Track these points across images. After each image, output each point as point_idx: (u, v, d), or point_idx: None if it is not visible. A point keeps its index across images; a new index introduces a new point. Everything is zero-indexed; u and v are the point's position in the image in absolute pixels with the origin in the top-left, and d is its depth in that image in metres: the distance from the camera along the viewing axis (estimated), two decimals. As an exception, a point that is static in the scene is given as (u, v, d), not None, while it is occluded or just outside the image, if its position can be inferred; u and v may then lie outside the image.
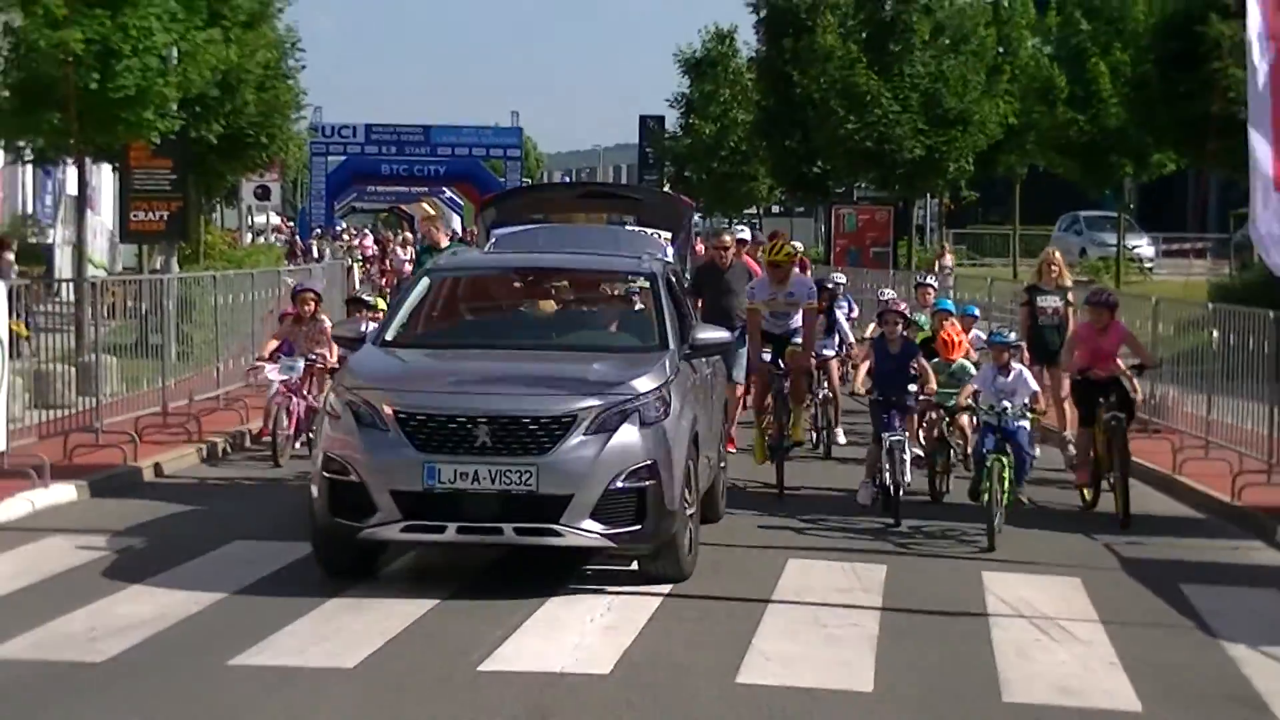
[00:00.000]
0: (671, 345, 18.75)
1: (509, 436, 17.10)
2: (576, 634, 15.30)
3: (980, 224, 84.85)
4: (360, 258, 76.01)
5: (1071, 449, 26.12)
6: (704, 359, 20.43)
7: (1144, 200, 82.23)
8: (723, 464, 22.13)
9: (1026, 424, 20.96)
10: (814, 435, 28.47)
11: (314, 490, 17.85)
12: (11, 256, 49.08)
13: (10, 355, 23.18)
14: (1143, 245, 77.73)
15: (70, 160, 45.01)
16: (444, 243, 33.84)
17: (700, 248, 34.60)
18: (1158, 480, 26.10)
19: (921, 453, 25.63)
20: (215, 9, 44.95)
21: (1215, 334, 28.21)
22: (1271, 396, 24.59)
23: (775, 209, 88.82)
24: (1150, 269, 72.61)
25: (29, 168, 61.24)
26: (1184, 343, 31.56)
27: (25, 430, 25.33)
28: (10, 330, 23.51)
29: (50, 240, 59.84)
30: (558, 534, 17.05)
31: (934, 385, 22.50)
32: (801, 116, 72.06)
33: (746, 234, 35.92)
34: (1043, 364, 27.16)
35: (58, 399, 28.29)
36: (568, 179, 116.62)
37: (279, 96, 57.31)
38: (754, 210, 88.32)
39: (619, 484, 17.11)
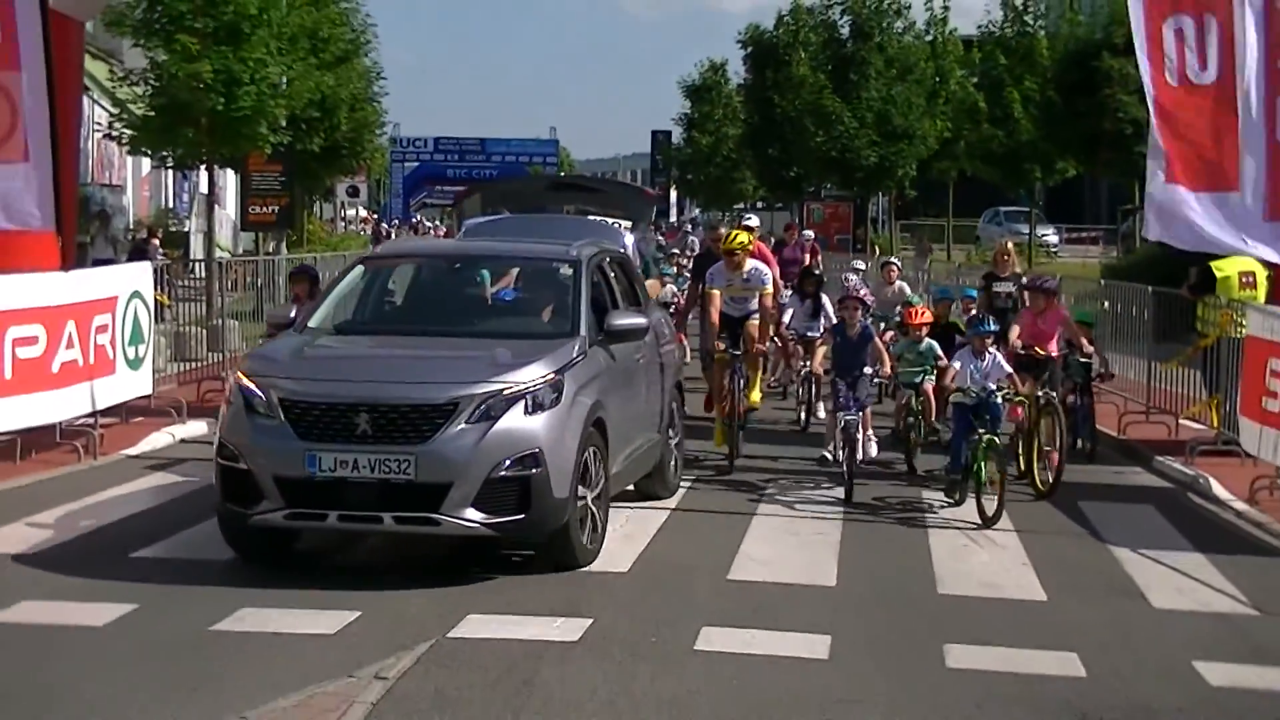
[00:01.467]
0: (582, 331, 15.64)
1: (389, 425, 14.29)
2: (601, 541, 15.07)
3: (920, 217, 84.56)
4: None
5: None
6: (638, 343, 17.07)
7: (1050, 198, 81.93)
8: (674, 440, 18.63)
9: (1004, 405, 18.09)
10: (799, 413, 25.02)
11: (213, 475, 15.19)
12: (157, 242, 49.26)
13: (156, 320, 23.20)
14: (1049, 234, 77.62)
15: (202, 166, 45.03)
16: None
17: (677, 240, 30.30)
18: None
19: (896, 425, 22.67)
20: (315, 47, 45.00)
21: (1106, 304, 28.18)
22: (1150, 353, 24.82)
23: (759, 204, 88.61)
24: (1055, 253, 72.58)
25: (170, 172, 61.38)
26: (1081, 311, 31.63)
27: (168, 378, 25.82)
28: (156, 300, 23.55)
29: (186, 229, 59.91)
30: (436, 523, 14.17)
31: (888, 369, 20.04)
32: (780, 131, 72.60)
33: (755, 221, 32.37)
34: (998, 343, 25.16)
35: (192, 354, 28.86)
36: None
37: (366, 116, 57.57)
38: (742, 205, 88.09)
39: (501, 473, 14.17)
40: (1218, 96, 17.20)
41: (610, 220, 21.47)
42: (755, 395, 21.89)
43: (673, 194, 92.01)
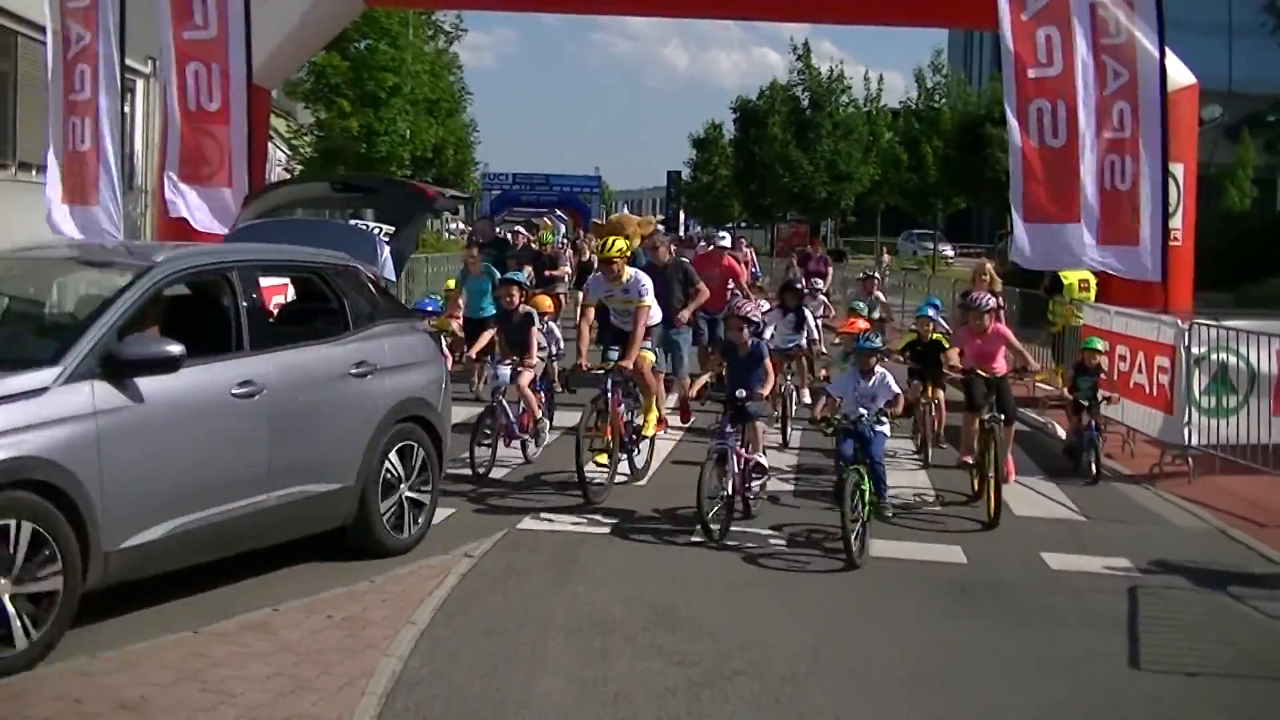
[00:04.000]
0: (68, 361, 8.75)
1: None
2: (624, 465, 14.69)
3: (856, 235, 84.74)
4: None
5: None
6: (239, 375, 9.82)
7: (948, 223, 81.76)
8: (403, 487, 11.27)
9: (886, 430, 12.77)
10: (780, 428, 17.94)
11: None
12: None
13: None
14: (946, 249, 77.46)
15: (349, 192, 45.37)
16: (494, 237, 26.10)
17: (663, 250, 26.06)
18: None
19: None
20: (430, 107, 45.17)
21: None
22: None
23: (741, 224, 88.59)
24: (950, 263, 72.43)
25: (326, 195, 61.78)
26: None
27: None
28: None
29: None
30: None
31: (767, 390, 13.10)
32: (758, 173, 73.25)
33: (727, 240, 25.45)
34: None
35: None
36: (625, 207, 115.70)
37: (465, 157, 58.51)
38: (730, 224, 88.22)
39: None
40: (1065, 156, 17.21)
41: (372, 225, 14.82)
42: (650, 423, 15.25)
43: (680, 215, 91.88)
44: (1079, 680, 8.70)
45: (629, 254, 15.96)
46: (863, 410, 12.37)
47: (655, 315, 15.45)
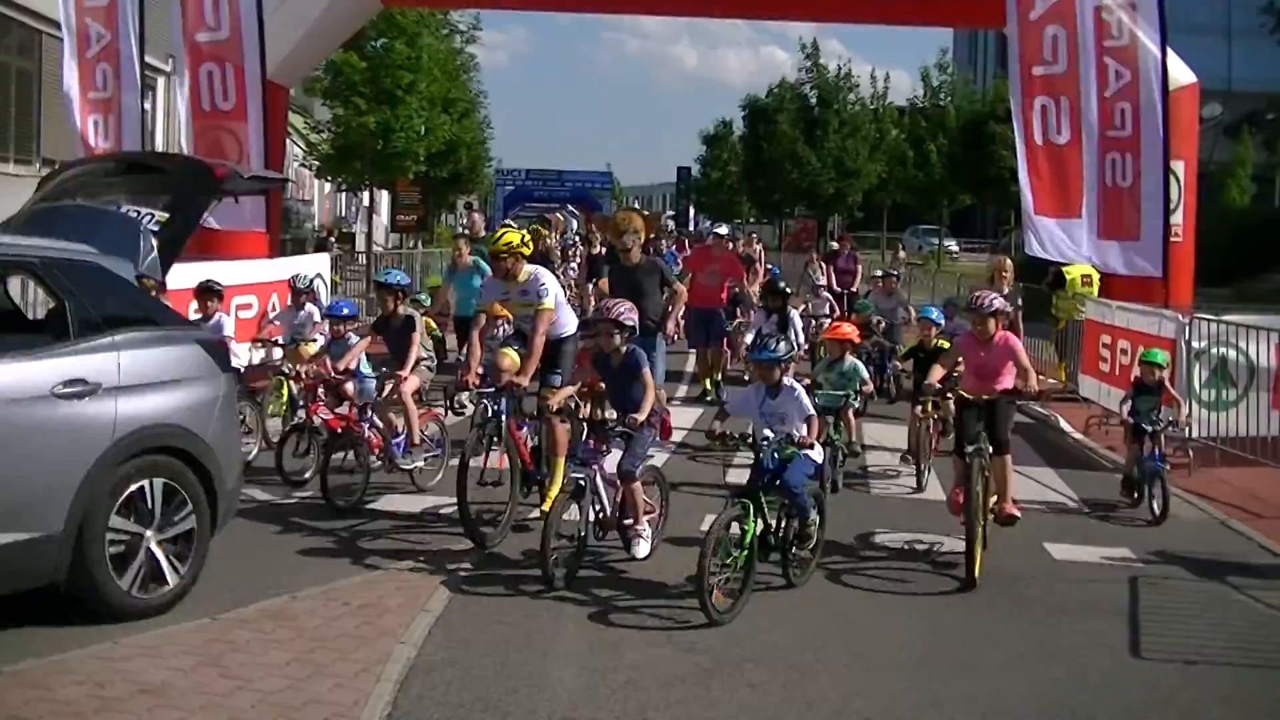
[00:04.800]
0: None
1: None
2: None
3: (863, 231, 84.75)
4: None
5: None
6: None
7: (953, 220, 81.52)
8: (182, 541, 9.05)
9: (817, 455, 10.26)
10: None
11: None
12: (333, 239, 49.40)
13: (332, 292, 23.24)
14: (952, 245, 77.29)
15: (364, 187, 45.54)
16: (481, 232, 22.85)
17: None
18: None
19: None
20: (445, 105, 45.23)
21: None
22: (1021, 330, 24.28)
23: (751, 219, 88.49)
24: (955, 258, 72.28)
25: (343, 191, 61.79)
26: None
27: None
28: (331, 280, 23.59)
29: (353, 230, 60.22)
30: None
31: (647, 410, 10.36)
32: (767, 169, 72.96)
33: (725, 230, 23.76)
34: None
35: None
36: (636, 202, 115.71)
37: (479, 154, 58.58)
38: (739, 220, 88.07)
39: None
40: (1068, 153, 17.24)
41: (142, 210, 12.74)
42: (551, 493, 11.52)
43: (690, 210, 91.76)
44: (1080, 668, 8.69)
45: (527, 248, 12.55)
46: (768, 432, 10.11)
47: (566, 324, 12.61)
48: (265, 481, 13.01)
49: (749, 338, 16.89)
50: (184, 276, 18.20)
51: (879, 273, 25.63)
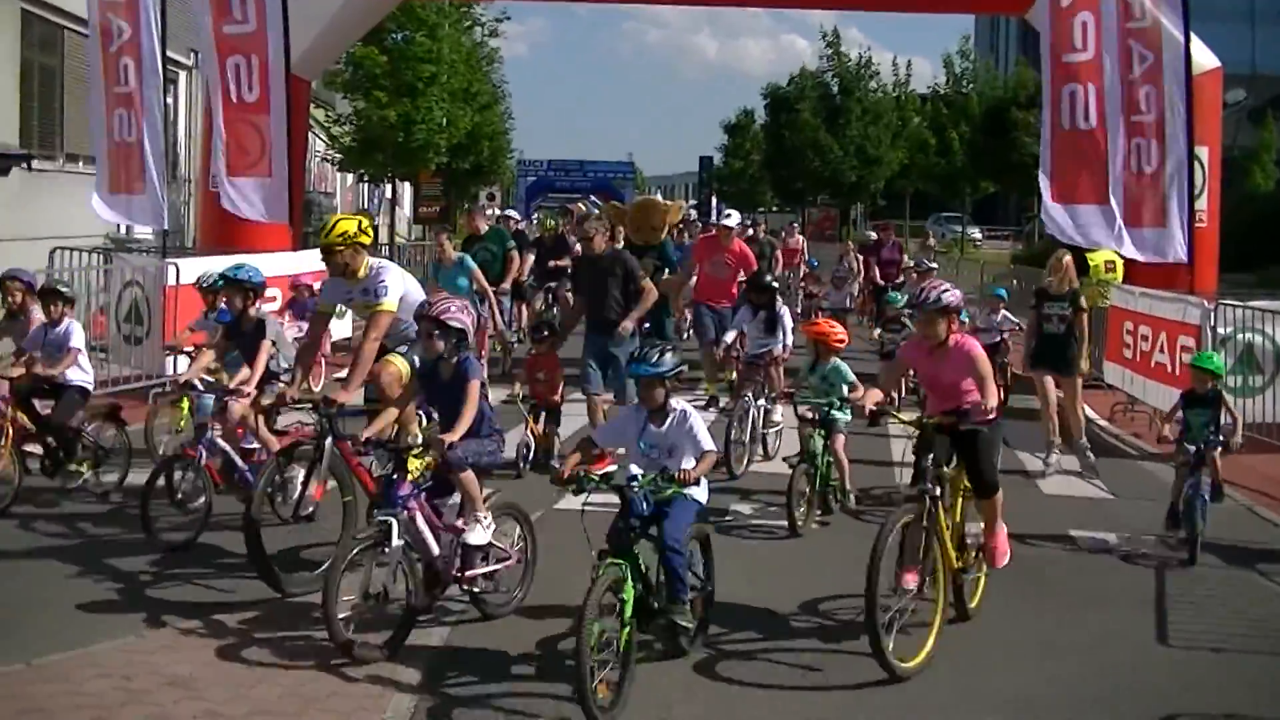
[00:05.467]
0: None
1: None
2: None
3: (885, 218, 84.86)
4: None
5: (1089, 454, 14.87)
6: None
7: (975, 207, 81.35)
8: None
9: (701, 494, 8.15)
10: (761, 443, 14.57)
11: None
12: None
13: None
14: (974, 232, 77.21)
15: (386, 179, 45.63)
16: (483, 229, 20.38)
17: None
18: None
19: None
20: (468, 98, 45.34)
21: (1015, 282, 28.11)
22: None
23: (773, 209, 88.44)
24: (978, 246, 72.19)
25: (365, 184, 61.90)
26: (1000, 285, 31.48)
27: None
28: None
29: (376, 223, 60.46)
30: None
31: (463, 430, 8.39)
32: (790, 158, 73.13)
33: (734, 219, 19.44)
34: (1047, 372, 14.96)
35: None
36: (658, 192, 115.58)
37: (501, 145, 58.76)
38: (762, 209, 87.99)
39: None
40: (1094, 139, 17.15)
41: None
42: (479, 532, 8.69)
43: (713, 199, 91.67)
44: (1107, 656, 8.65)
45: (366, 236, 10.45)
46: (635, 471, 7.90)
47: (401, 329, 10.50)
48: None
49: (729, 337, 16.03)
50: (209, 270, 18.30)
51: (910, 263, 25.28)
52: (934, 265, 22.71)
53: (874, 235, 31.42)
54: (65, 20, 25.63)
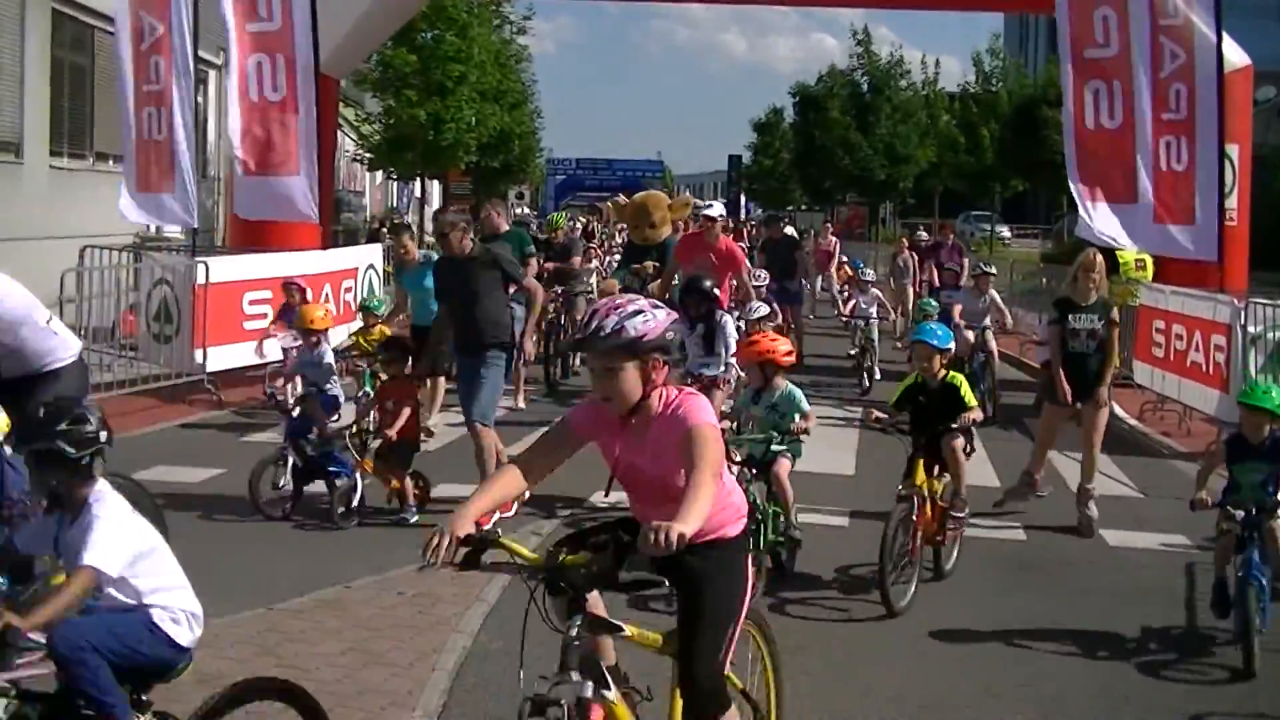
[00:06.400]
0: None
1: None
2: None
3: (914, 217, 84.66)
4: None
5: (1093, 505, 12.09)
6: None
7: (1005, 205, 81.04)
8: None
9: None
10: None
11: None
12: (386, 230, 49.62)
13: (385, 283, 23.22)
14: (1004, 231, 77.03)
15: (417, 178, 45.73)
16: (504, 228, 17.14)
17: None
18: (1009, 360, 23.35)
19: None
20: (496, 96, 45.40)
21: (1044, 280, 28.08)
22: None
23: (803, 207, 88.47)
24: (1008, 244, 72.02)
25: (394, 182, 62.09)
26: (1029, 284, 31.44)
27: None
28: (384, 270, 23.57)
29: (405, 221, 60.63)
30: None
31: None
32: (819, 156, 72.92)
33: (718, 210, 16.54)
34: (1076, 398, 12.06)
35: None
36: (687, 190, 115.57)
37: (530, 144, 58.64)
38: (791, 207, 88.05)
39: None
40: (1120, 137, 17.10)
41: None
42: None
43: (741, 198, 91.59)
44: (1137, 655, 8.64)
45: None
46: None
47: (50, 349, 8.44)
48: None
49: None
50: (239, 269, 18.37)
51: (979, 268, 22.81)
52: (992, 270, 19.92)
53: (924, 235, 30.18)
54: (95, 20, 25.75)
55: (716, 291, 12.81)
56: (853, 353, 21.12)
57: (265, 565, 9.59)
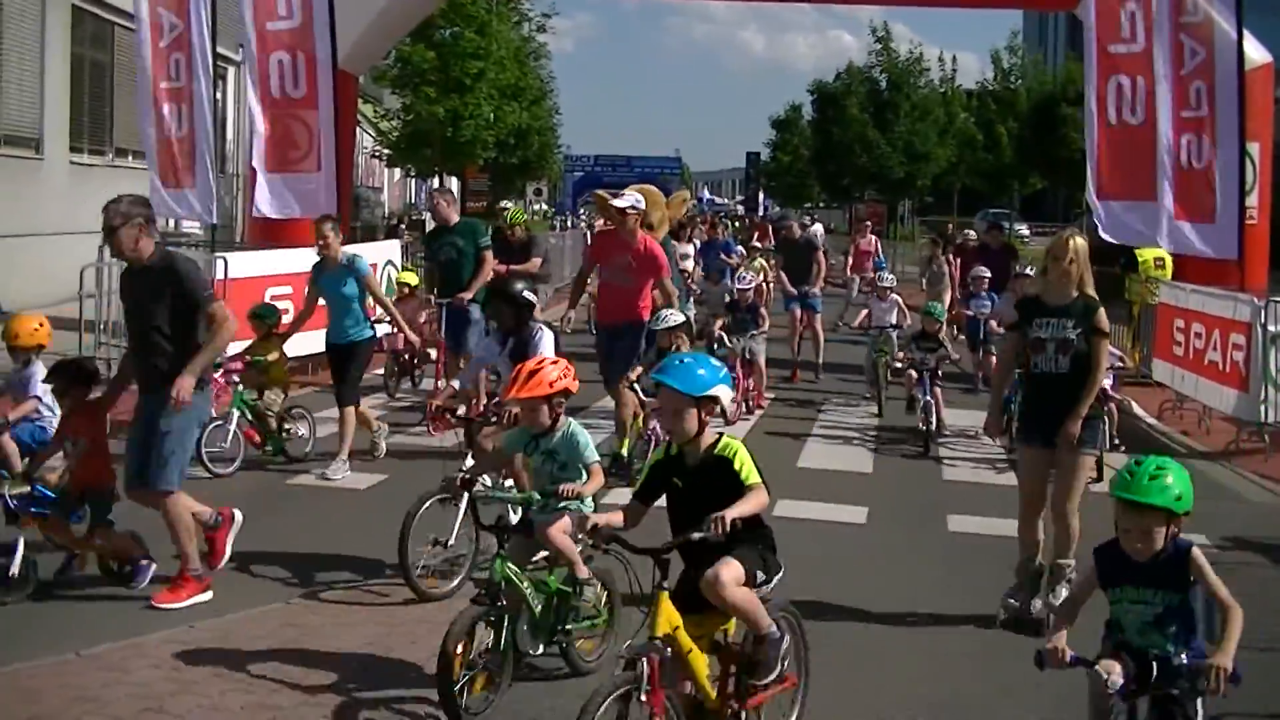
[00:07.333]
0: None
1: None
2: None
3: (932, 215, 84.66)
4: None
5: (1067, 585, 9.20)
6: None
7: (1024, 203, 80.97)
8: None
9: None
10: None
11: None
12: (404, 226, 49.72)
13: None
14: (1023, 229, 76.93)
15: (434, 174, 45.81)
16: (454, 219, 15.58)
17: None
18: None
19: None
20: (516, 92, 45.45)
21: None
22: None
23: (820, 204, 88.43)
24: (1026, 242, 71.87)
25: (412, 179, 62.19)
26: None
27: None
28: (402, 266, 23.51)
29: (422, 217, 60.69)
30: None
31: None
32: (837, 154, 73.03)
33: (630, 199, 13.22)
34: (1038, 445, 9.40)
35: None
36: (705, 188, 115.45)
37: (549, 141, 58.86)
38: (810, 204, 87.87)
39: None
40: (1142, 134, 17.07)
41: None
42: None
43: (760, 195, 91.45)
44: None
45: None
46: None
47: None
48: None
49: (634, 373, 12.47)
50: (255, 265, 18.38)
51: (1016, 270, 20.55)
52: (1029, 271, 18.57)
53: (972, 235, 27.75)
54: (115, 16, 25.84)
55: (530, 298, 9.97)
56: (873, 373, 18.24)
57: (283, 562, 9.61)
